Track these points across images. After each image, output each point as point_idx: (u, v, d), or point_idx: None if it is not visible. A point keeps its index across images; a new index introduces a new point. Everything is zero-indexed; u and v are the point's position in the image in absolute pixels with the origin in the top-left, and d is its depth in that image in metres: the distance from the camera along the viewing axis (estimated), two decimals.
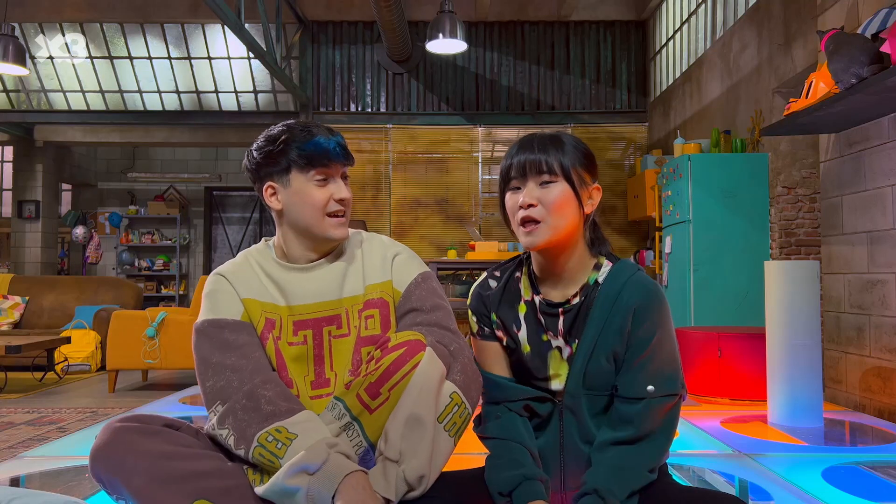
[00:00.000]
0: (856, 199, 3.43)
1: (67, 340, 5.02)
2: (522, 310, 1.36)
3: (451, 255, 5.76)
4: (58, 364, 5.11)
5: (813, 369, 3.03)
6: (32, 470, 2.40)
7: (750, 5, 5.08)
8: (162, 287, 9.69)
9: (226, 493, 1.22)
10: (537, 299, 1.35)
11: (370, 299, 1.43)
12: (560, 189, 1.28)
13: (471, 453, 1.48)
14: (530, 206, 1.28)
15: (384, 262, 1.46)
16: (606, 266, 1.34)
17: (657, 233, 5.24)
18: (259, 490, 1.24)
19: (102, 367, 5.43)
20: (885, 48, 2.65)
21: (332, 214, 1.42)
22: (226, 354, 1.35)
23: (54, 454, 2.62)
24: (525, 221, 1.29)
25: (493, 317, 1.38)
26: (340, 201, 1.43)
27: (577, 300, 1.33)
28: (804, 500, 1.94)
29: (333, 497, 1.18)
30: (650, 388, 1.27)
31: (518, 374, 1.38)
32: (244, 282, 1.44)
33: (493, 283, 1.41)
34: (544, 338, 1.34)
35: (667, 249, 4.91)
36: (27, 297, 5.99)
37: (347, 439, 1.27)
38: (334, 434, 1.28)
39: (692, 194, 4.52)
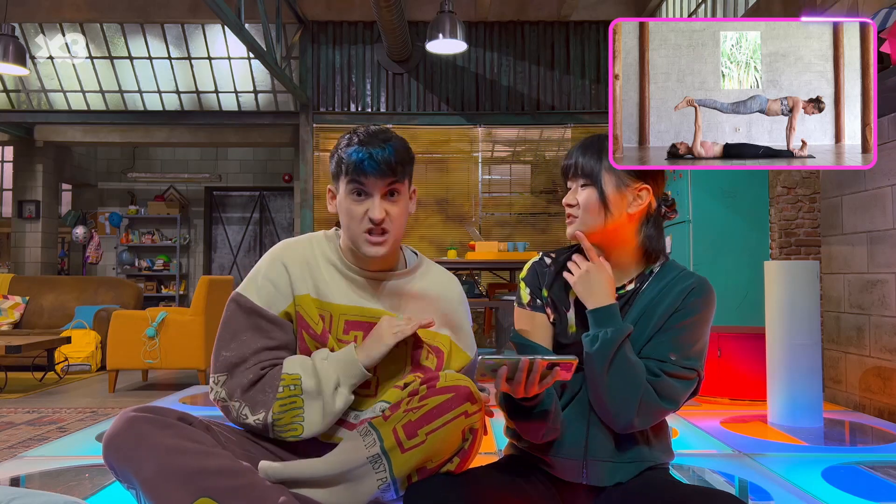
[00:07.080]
0: (856, 199, 3.43)
1: (67, 340, 5.01)
2: (574, 293, 1.39)
3: (451, 255, 5.76)
4: (58, 364, 5.10)
5: (813, 369, 3.02)
6: (32, 470, 2.40)
7: (750, 5, 5.08)
8: (162, 287, 9.69)
9: (232, 492, 1.20)
10: None
11: (431, 345, 1.47)
12: (588, 193, 1.34)
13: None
14: (569, 205, 1.38)
15: (444, 311, 1.50)
16: (662, 260, 1.42)
17: None
18: (312, 429, 1.36)
19: (102, 367, 5.42)
20: (885, 48, 2.65)
21: (367, 231, 1.39)
22: (256, 336, 1.41)
23: (54, 454, 2.62)
24: (567, 216, 1.39)
25: (545, 293, 1.41)
26: (374, 220, 1.37)
27: (631, 286, 1.38)
28: (804, 500, 1.94)
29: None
30: (672, 356, 1.30)
31: (557, 349, 1.40)
32: (304, 274, 1.45)
33: (548, 261, 1.44)
34: None
35: (667, 249, 4.91)
36: (27, 297, 5.98)
37: (374, 472, 1.28)
38: (360, 464, 1.28)
39: (692, 194, 4.52)
